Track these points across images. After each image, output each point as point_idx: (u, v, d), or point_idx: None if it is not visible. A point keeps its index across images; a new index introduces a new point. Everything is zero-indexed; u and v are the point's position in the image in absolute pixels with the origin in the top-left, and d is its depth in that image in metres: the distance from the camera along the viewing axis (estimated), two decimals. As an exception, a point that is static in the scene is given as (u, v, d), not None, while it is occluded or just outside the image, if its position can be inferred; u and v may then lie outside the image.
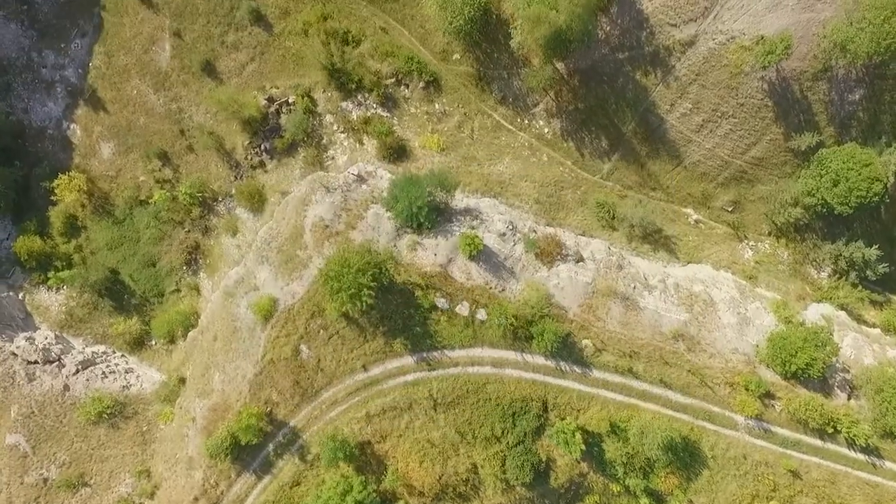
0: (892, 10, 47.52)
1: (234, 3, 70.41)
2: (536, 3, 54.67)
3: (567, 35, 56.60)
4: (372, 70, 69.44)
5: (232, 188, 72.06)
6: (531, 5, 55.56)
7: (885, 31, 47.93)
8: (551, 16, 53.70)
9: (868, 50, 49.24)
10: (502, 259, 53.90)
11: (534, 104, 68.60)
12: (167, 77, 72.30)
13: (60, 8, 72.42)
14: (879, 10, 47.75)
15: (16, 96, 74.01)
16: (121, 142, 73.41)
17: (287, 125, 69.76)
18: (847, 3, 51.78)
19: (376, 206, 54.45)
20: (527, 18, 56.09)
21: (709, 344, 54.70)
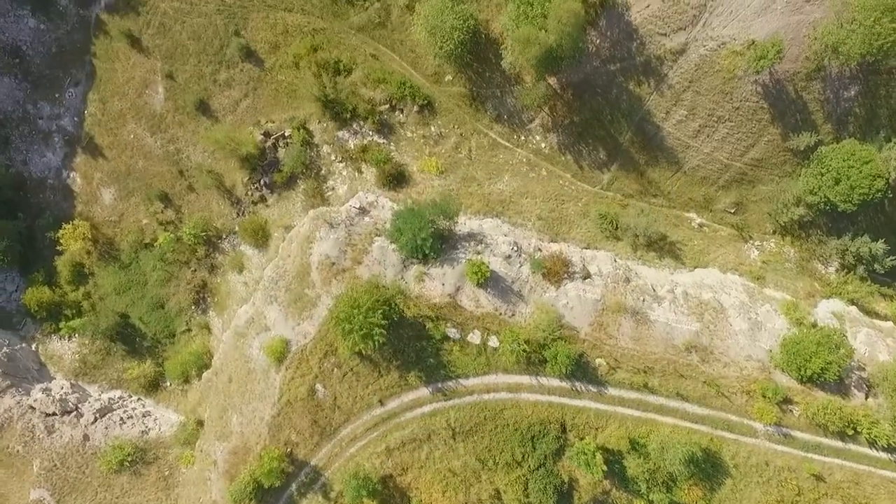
0: (882, 11, 47.42)
1: (224, 41, 70.91)
2: (525, 25, 54.75)
3: (558, 53, 56.65)
4: (365, 98, 69.65)
5: (235, 225, 72.41)
6: (520, 27, 55.67)
7: (876, 33, 47.83)
8: (541, 36, 53.76)
9: (861, 51, 49.16)
10: (510, 283, 54.04)
11: (529, 120, 68.68)
12: (162, 119, 72.72)
13: (52, 59, 72.88)
14: (869, 11, 47.61)
15: (14, 149, 74.51)
16: (121, 186, 73.88)
17: (285, 159, 70.06)
18: (836, 4, 51.77)
19: (381, 239, 54.64)
20: (517, 40, 56.18)
21: (722, 353, 54.75)
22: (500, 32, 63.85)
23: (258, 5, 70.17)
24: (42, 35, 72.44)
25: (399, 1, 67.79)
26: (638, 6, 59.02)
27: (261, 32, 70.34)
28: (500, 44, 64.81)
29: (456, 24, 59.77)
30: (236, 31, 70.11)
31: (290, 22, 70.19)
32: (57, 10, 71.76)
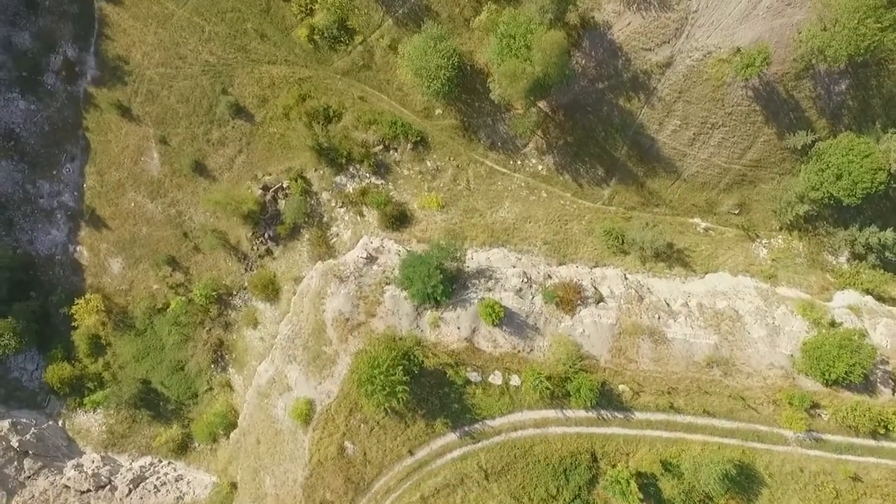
0: (865, 13, 47.27)
1: (212, 100, 71.30)
2: (510, 59, 54.85)
3: (546, 82, 56.76)
4: (358, 141, 69.92)
5: (244, 280, 72.80)
6: (505, 61, 55.79)
7: (860, 34, 47.64)
8: (527, 70, 53.86)
9: (847, 53, 48.99)
10: (524, 317, 54.22)
11: (524, 144, 68.76)
12: (161, 184, 73.20)
13: (46, 137, 73.45)
14: (851, 13, 47.50)
15: (19, 230, 75.12)
16: (128, 255, 74.41)
17: (286, 210, 70.38)
18: (817, 6, 51.64)
19: (391, 288, 54.94)
20: (503, 74, 56.30)
21: (743, 363, 54.69)
22: (486, 63, 64.18)
23: (242, 61, 70.63)
24: (33, 115, 73.10)
25: (381, 42, 68.11)
26: (619, 24, 59.04)
27: (248, 88, 70.80)
28: (486, 74, 65.11)
29: (441, 62, 60.00)
30: (223, 90, 70.63)
31: (275, 74, 70.61)
32: (45, 89, 72.46)
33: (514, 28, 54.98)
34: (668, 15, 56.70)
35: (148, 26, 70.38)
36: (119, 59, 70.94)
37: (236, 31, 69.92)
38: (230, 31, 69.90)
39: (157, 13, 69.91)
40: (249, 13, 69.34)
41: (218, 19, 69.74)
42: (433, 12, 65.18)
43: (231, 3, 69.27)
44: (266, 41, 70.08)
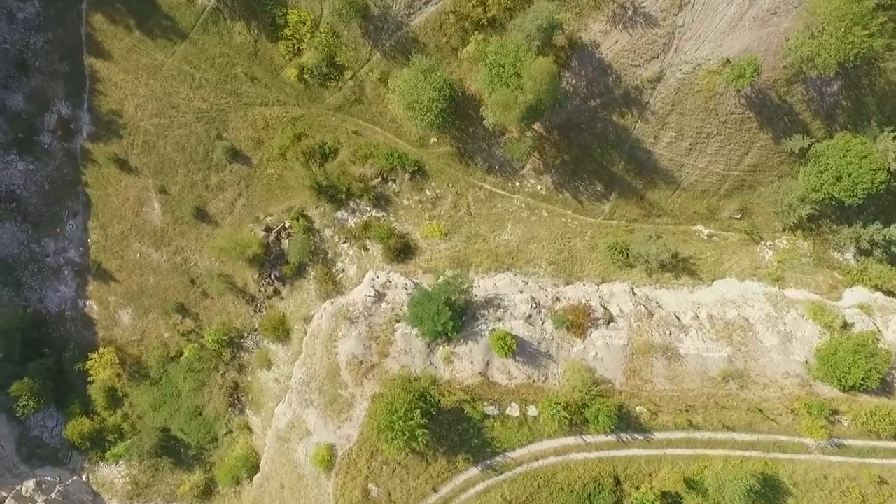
0: (852, 21, 47.21)
1: (208, 146, 71.68)
2: (501, 90, 55.01)
3: (539, 107, 56.92)
4: (356, 175, 70.17)
5: (254, 322, 73.12)
6: (496, 91, 55.96)
7: (849, 43, 47.59)
8: (519, 99, 54.01)
9: (836, 61, 48.92)
10: (536, 345, 54.40)
11: (521, 166, 68.85)
12: (164, 233, 73.60)
13: (46, 196, 73.96)
14: (839, 21, 47.44)
15: (28, 289, 75.59)
16: (137, 305, 74.79)
17: (290, 250, 70.67)
18: (803, 14, 51.62)
19: (402, 325, 55.20)
20: (495, 104, 56.50)
21: (759, 374, 54.74)
22: (477, 90, 64.34)
23: (234, 105, 70.95)
24: (33, 175, 73.62)
25: (371, 76, 68.35)
26: (607, 43, 59.12)
27: (242, 131, 71.16)
28: (478, 100, 65.33)
29: (433, 94, 60.18)
30: (218, 135, 71.00)
31: (268, 115, 70.95)
32: (42, 148, 72.97)
33: (502, 57, 55.15)
34: (655, 31, 56.79)
35: (139, 78, 70.86)
36: (113, 113, 71.44)
37: (226, 76, 70.36)
38: (220, 76, 70.32)
39: (147, 65, 70.39)
40: (238, 57, 69.76)
41: (207, 66, 70.19)
42: (420, 44, 65.38)
43: (219, 48, 69.74)
44: (257, 83, 70.46)
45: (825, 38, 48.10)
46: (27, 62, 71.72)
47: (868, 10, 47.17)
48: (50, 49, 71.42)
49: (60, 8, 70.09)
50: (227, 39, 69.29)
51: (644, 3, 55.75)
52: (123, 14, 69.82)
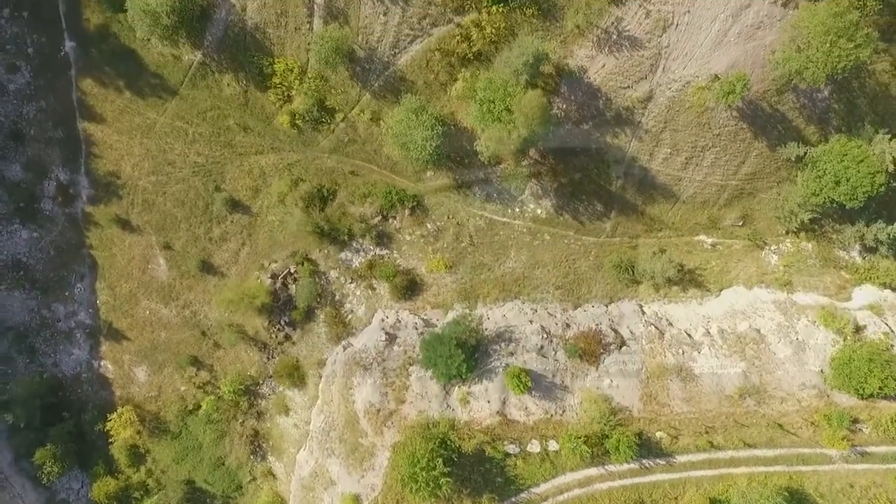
0: (837, 34, 47.12)
1: (207, 199, 72.08)
2: (494, 125, 55.22)
3: (532, 138, 57.10)
4: (356, 216, 70.47)
5: (269, 368, 73.51)
6: (488, 126, 56.17)
7: (835, 56, 47.58)
8: (513, 134, 54.22)
9: (825, 74, 48.96)
10: (551, 378, 54.59)
11: (519, 192, 68.94)
12: (171, 288, 74.09)
13: (52, 262, 74.53)
14: (824, 35, 47.35)
15: (42, 354, 76.18)
16: (151, 362, 75.28)
17: (297, 295, 70.98)
18: (787, 28, 51.62)
19: (416, 369, 55.48)
20: (489, 139, 56.72)
21: (775, 388, 54.76)
22: (470, 124, 64.51)
23: (230, 156, 71.36)
24: (37, 242, 74.24)
25: (363, 116, 68.63)
26: (594, 67, 59.25)
27: (240, 181, 71.55)
28: (472, 132, 65.49)
29: (426, 133, 60.38)
30: (216, 187, 71.44)
31: (264, 164, 71.33)
32: (44, 215, 73.55)
33: (492, 93, 55.34)
34: (641, 53, 56.89)
35: (133, 138, 71.37)
36: (110, 174, 72.00)
37: (219, 129, 70.73)
38: (213, 129, 70.71)
39: (140, 124, 70.87)
40: (229, 109, 70.15)
41: (199, 120, 70.63)
42: (409, 82, 65.61)
43: (209, 102, 70.11)
44: (250, 133, 70.83)
45: (812, 51, 48.13)
46: (22, 132, 72.42)
47: (852, 23, 47.24)
48: (43, 117, 72.12)
49: (50, 76, 70.73)
50: (217, 92, 69.75)
51: (628, 27, 55.90)
52: (112, 77, 70.48)
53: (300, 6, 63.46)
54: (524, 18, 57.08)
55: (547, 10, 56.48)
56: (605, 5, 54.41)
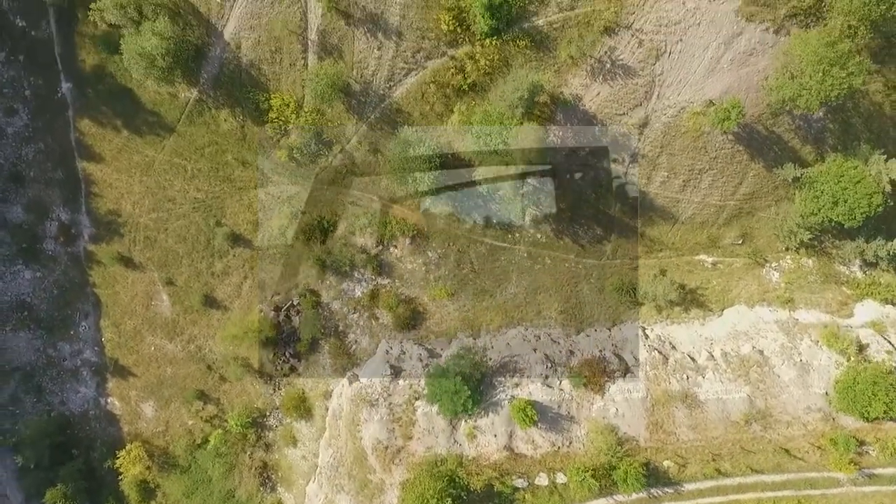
0: (830, 63, 47.32)
1: (208, 234, 72.38)
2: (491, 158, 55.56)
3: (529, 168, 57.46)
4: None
5: (275, 400, 73.83)
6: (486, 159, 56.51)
7: (828, 86, 47.79)
8: (510, 167, 54.55)
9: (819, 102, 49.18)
10: (556, 408, 54.80)
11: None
12: (175, 323, 74.39)
13: (56, 301, 74.88)
14: (817, 64, 47.57)
15: (49, 393, 76.54)
16: (158, 397, 75.58)
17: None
18: (779, 55, 51.85)
19: (422, 404, 55.74)
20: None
21: (780, 412, 54.94)
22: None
23: (229, 191, 71.65)
24: (40, 282, 74.59)
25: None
26: (588, 95, 59.49)
27: (240, 215, 71.82)
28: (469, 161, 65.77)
29: (423, 166, 60.85)
30: (217, 222, 71.72)
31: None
32: (46, 255, 73.89)
33: (488, 126, 55.59)
34: (635, 80, 57.11)
35: (132, 176, 71.74)
36: (111, 213, 72.38)
37: (218, 164, 71.05)
38: (212, 164, 71.03)
39: (139, 162, 71.22)
40: (227, 144, 70.41)
41: (198, 156, 70.93)
42: (405, 113, 65.79)
43: (207, 138, 70.40)
44: (248, 167, 71.08)
45: (805, 79, 48.35)
46: (21, 174, 72.79)
47: (844, 53, 47.47)
48: (42, 158, 72.51)
49: (48, 118, 71.07)
50: (214, 128, 70.04)
51: (621, 56, 56.14)
52: (109, 116, 70.82)
53: (294, 43, 63.81)
54: (518, 50, 57.38)
55: (540, 42, 56.74)
56: (597, 36, 54.73)
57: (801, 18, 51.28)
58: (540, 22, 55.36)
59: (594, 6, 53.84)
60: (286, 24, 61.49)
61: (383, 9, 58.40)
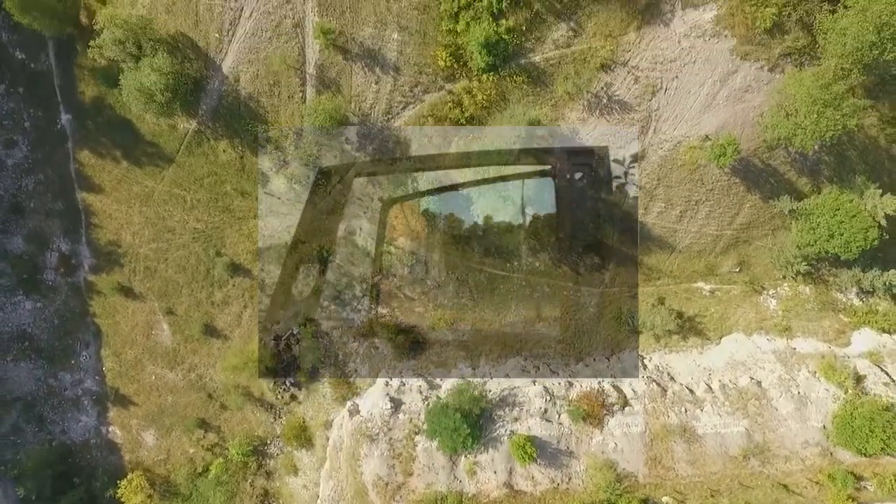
0: (824, 104, 47.67)
1: (208, 264, 72.65)
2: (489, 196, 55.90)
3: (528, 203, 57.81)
4: (356, 276, 70.95)
5: (276, 428, 74.10)
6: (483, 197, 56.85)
7: (822, 127, 48.21)
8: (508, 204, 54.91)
9: (814, 142, 49.58)
10: (556, 444, 55.09)
11: (516, 249, 69.68)
12: (176, 353, 74.64)
13: (57, 331, 75.14)
14: (811, 105, 47.88)
15: (50, 423, 76.75)
16: (159, 426, 75.83)
17: (301, 356, 71.54)
18: (774, 93, 52.23)
19: (422, 440, 56.01)
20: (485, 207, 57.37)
21: (778, 446, 55.23)
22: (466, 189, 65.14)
23: (229, 221, 71.86)
24: (41, 313, 74.83)
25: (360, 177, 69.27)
26: (585, 129, 59.79)
27: (240, 245, 72.01)
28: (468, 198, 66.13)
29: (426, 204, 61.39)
30: (217, 252, 71.98)
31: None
32: (46, 285, 74.19)
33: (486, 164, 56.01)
34: (632, 115, 57.47)
35: (132, 207, 72.02)
36: (111, 243, 72.64)
37: (217, 194, 71.32)
38: (211, 195, 71.30)
39: (138, 193, 71.51)
40: (226, 174, 70.64)
41: (197, 186, 71.21)
42: (403, 145, 66.19)
43: (206, 168, 70.65)
44: (248, 197, 71.30)
45: (800, 118, 48.67)
46: (21, 205, 73.09)
47: (838, 94, 47.84)
48: (42, 189, 72.84)
49: (47, 150, 71.42)
50: (213, 158, 70.31)
51: (618, 92, 56.50)
52: (109, 147, 71.13)
53: (292, 76, 64.12)
54: (514, 85, 57.72)
55: (537, 77, 57.10)
56: (594, 73, 55.09)
57: (796, 57, 51.87)
58: (536, 58, 55.73)
59: (590, 44, 54.27)
60: (284, 58, 61.87)
61: (381, 45, 58.77)
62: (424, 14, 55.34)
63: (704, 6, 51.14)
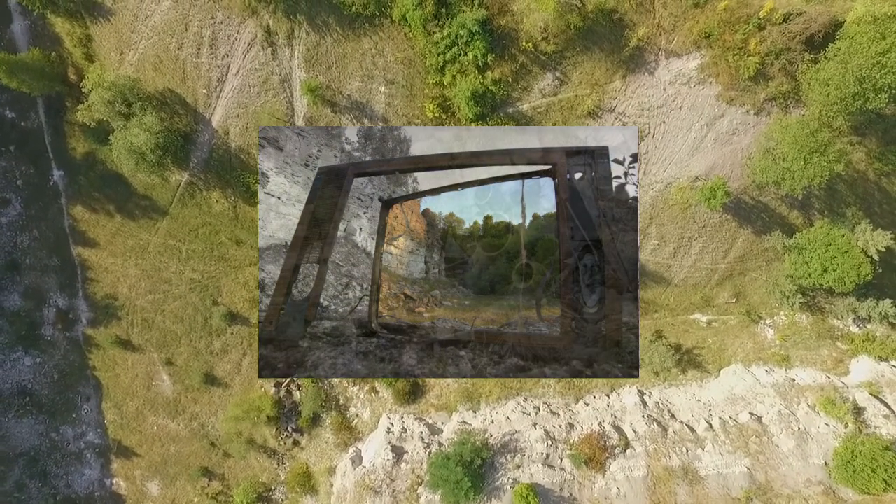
0: (811, 150, 47.91)
1: (205, 314, 72.80)
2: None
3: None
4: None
5: (279, 474, 74.19)
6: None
7: (810, 174, 48.43)
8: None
9: (802, 187, 49.84)
10: (559, 491, 55.12)
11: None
12: (177, 402, 74.80)
13: (57, 385, 75.29)
14: (799, 150, 48.05)
15: (54, 477, 76.90)
16: (163, 476, 75.96)
17: (302, 402, 71.73)
18: (760, 138, 52.44)
19: (424, 491, 56.04)
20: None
21: (781, 485, 55.24)
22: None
23: (224, 270, 72.12)
24: (40, 368, 75.02)
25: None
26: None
27: (237, 293, 72.30)
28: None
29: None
30: (214, 301, 72.25)
31: (259, 275, 72.15)
32: (45, 340, 74.36)
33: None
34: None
35: (128, 260, 72.24)
36: (108, 297, 72.85)
37: (212, 244, 71.57)
38: (206, 245, 71.53)
39: (133, 246, 71.72)
40: (220, 224, 70.91)
41: (192, 237, 71.43)
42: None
43: (200, 219, 70.89)
44: (242, 245, 71.54)
45: (788, 163, 48.87)
46: (17, 262, 73.28)
47: (824, 142, 48.01)
48: (37, 246, 73.04)
49: (41, 206, 71.64)
50: (207, 209, 70.55)
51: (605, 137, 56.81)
52: (102, 202, 71.37)
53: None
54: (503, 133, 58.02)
55: (525, 125, 57.34)
56: (582, 119, 55.37)
57: (781, 101, 52.08)
58: (524, 107, 55.97)
59: (576, 92, 54.49)
60: (273, 112, 62.08)
61: (368, 98, 58.99)
62: (410, 68, 55.60)
63: (688, 55, 51.44)
